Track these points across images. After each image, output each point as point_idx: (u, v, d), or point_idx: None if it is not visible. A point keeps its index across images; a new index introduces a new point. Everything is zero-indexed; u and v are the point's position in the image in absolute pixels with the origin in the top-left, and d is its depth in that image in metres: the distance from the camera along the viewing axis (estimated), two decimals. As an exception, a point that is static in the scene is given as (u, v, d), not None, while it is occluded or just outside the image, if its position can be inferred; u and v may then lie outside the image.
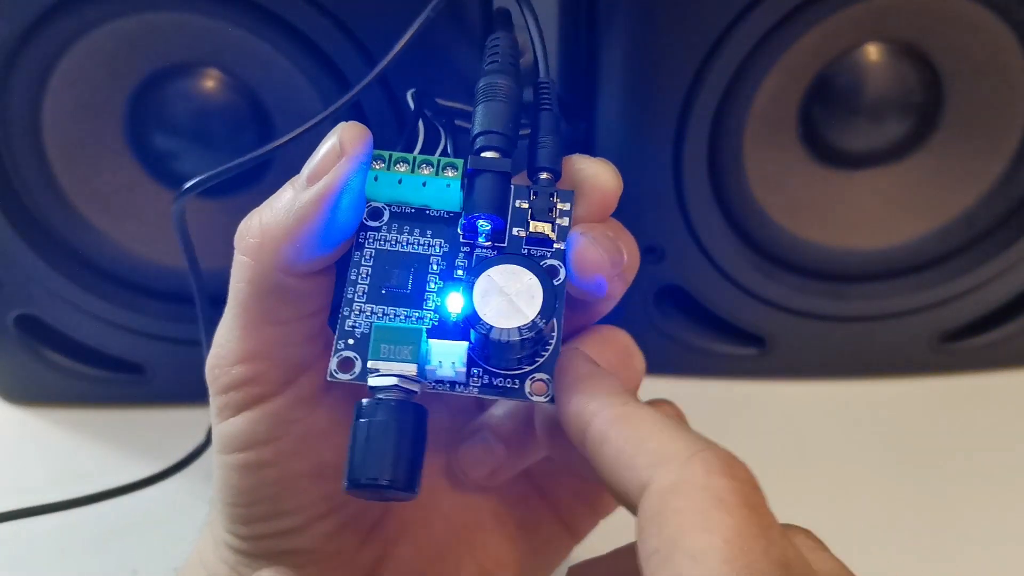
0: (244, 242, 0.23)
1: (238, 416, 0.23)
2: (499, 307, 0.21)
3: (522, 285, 0.21)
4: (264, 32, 0.34)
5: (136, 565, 0.36)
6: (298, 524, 0.24)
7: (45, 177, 0.37)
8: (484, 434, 0.26)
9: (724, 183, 0.39)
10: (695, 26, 0.34)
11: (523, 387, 0.22)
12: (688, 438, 0.19)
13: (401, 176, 0.23)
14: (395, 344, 0.21)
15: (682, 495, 0.17)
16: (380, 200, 0.24)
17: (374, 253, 0.23)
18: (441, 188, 0.23)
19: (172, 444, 0.42)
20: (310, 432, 0.24)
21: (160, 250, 0.39)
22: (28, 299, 0.39)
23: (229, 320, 0.23)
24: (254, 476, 0.23)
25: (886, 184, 0.40)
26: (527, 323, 0.21)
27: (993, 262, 0.41)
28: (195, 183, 0.27)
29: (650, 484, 0.18)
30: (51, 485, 0.40)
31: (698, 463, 0.18)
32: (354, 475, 0.20)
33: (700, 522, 0.17)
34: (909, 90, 0.37)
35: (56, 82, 0.35)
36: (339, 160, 0.22)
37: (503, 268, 0.22)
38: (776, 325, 0.43)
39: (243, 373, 0.23)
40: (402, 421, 0.21)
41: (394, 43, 0.33)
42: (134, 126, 0.36)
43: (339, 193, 0.22)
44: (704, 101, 0.36)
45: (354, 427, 0.21)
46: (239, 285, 0.23)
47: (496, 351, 0.21)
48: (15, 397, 0.44)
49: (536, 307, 0.21)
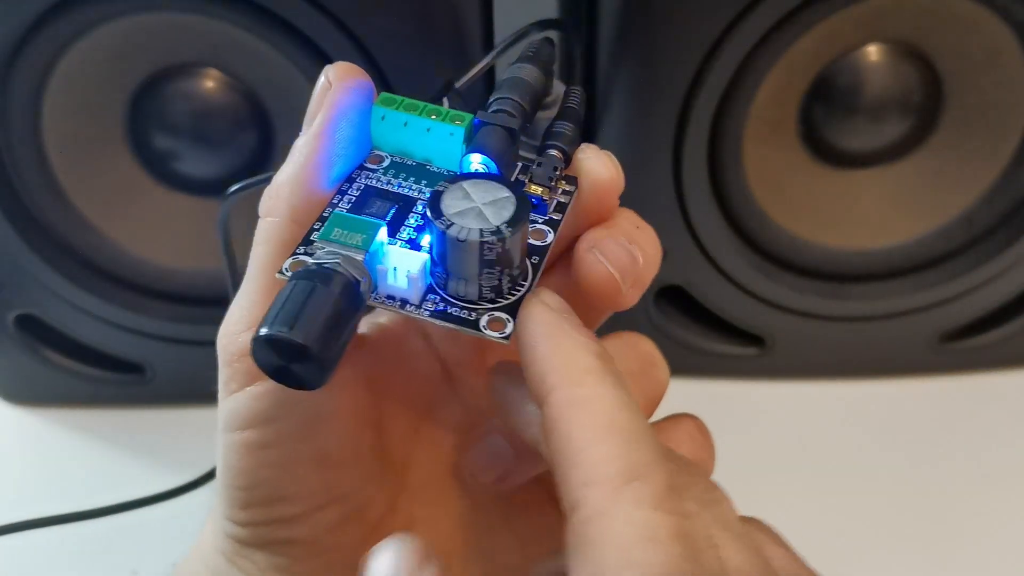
0: (264, 204, 0.22)
1: (242, 392, 0.22)
2: (464, 211, 0.20)
3: (495, 199, 0.20)
4: (264, 32, 0.34)
5: (136, 565, 0.36)
6: (298, 512, 0.23)
7: (45, 177, 0.37)
8: (496, 437, 0.25)
9: (724, 183, 0.39)
10: (695, 26, 0.34)
11: (479, 320, 0.20)
12: (629, 457, 0.17)
13: (408, 118, 0.22)
14: (348, 231, 0.20)
15: (606, 527, 0.16)
16: (385, 150, 0.23)
17: (363, 187, 0.22)
18: (444, 136, 0.22)
19: (172, 444, 0.42)
20: (314, 416, 0.23)
21: (160, 250, 0.39)
22: (28, 299, 0.39)
23: (244, 287, 0.23)
24: (254, 456, 0.23)
25: (886, 184, 0.40)
26: (491, 227, 0.19)
27: (993, 262, 0.41)
28: (240, 186, 0.27)
29: (577, 509, 0.17)
30: (51, 485, 0.40)
31: (629, 494, 0.17)
32: (260, 327, 0.18)
33: (624, 560, 0.16)
34: (909, 90, 0.37)
35: (56, 82, 0.35)
36: (331, 91, 0.22)
37: (479, 182, 0.20)
38: (776, 325, 0.43)
39: (249, 340, 0.22)
40: (330, 289, 0.19)
41: (394, 43, 0.33)
42: (134, 126, 0.36)
43: (334, 124, 0.21)
44: (704, 101, 0.36)
45: (282, 290, 0.19)
46: (257, 248, 0.22)
47: (454, 260, 0.20)
48: (15, 397, 0.44)
49: (507, 216, 0.20)
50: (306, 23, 0.33)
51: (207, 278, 0.40)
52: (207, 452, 0.40)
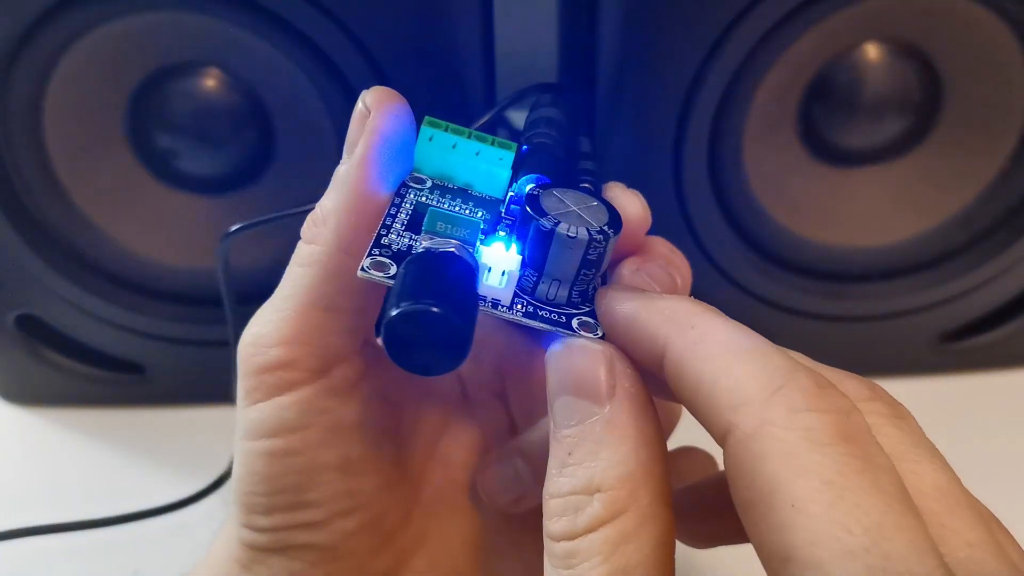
0: (308, 231, 0.23)
1: (267, 402, 0.23)
2: (565, 213, 0.20)
3: (588, 205, 0.20)
4: (264, 32, 0.34)
5: (137, 565, 0.36)
6: (320, 518, 0.24)
7: (45, 177, 0.37)
8: (516, 460, 0.26)
9: (724, 183, 0.39)
10: (695, 26, 0.34)
11: (570, 322, 0.20)
12: (766, 370, 0.17)
13: (456, 140, 0.22)
14: (451, 224, 0.20)
15: (767, 441, 0.16)
16: (425, 173, 0.23)
17: (414, 202, 0.22)
18: (494, 160, 0.22)
19: (172, 444, 0.42)
20: (339, 424, 0.23)
21: (161, 249, 0.39)
22: (28, 299, 0.39)
23: (278, 302, 0.23)
24: (279, 464, 0.23)
25: (886, 182, 0.40)
26: (596, 228, 0.19)
27: (993, 262, 0.41)
28: (240, 227, 0.27)
29: (731, 432, 0.16)
30: (51, 486, 0.40)
31: (780, 402, 0.16)
32: (395, 306, 0.17)
33: (793, 468, 0.15)
34: (908, 89, 0.37)
35: (56, 82, 0.35)
36: (371, 117, 0.22)
37: (567, 191, 0.20)
38: (775, 325, 0.43)
39: (280, 355, 0.22)
40: (459, 263, 0.18)
41: (394, 42, 0.33)
42: (135, 126, 0.36)
43: (377, 151, 0.21)
44: (704, 101, 0.36)
45: (399, 273, 0.19)
46: (299, 269, 0.23)
47: (556, 258, 0.19)
48: (15, 397, 0.44)
49: (604, 220, 0.20)
50: (306, 23, 0.33)
51: (207, 277, 0.40)
52: (207, 452, 0.40)
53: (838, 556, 0.14)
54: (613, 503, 0.17)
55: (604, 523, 0.17)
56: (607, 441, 0.18)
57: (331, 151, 0.36)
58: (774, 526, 0.15)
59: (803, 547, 0.15)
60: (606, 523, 0.17)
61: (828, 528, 0.14)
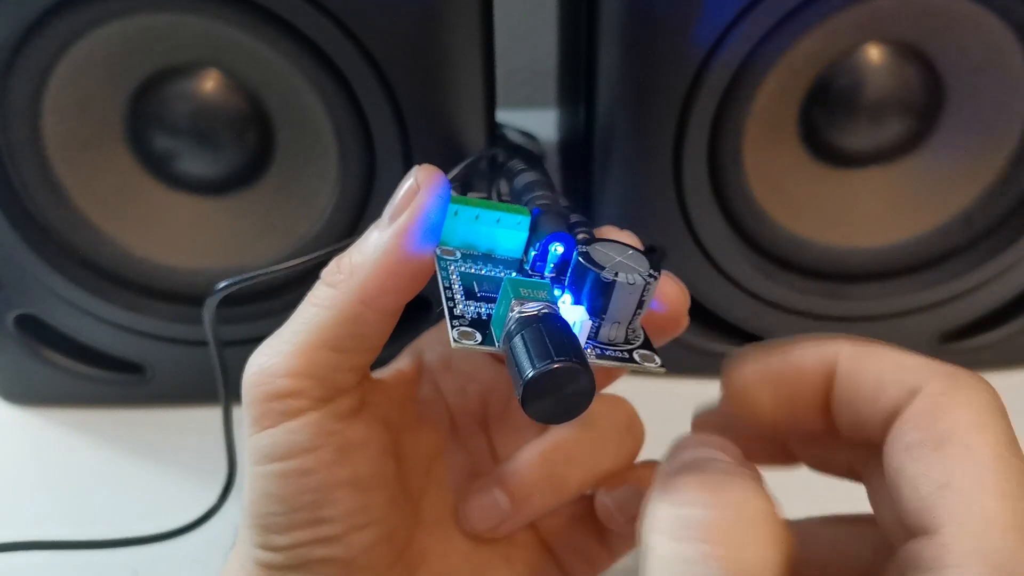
0: (332, 276, 0.25)
1: (277, 427, 0.24)
2: (615, 264, 0.23)
3: (626, 254, 0.23)
4: (264, 32, 0.34)
5: (136, 566, 0.36)
6: (337, 532, 0.25)
7: (45, 177, 0.37)
8: (493, 490, 0.27)
9: (724, 183, 0.39)
10: (695, 26, 0.34)
11: (632, 355, 0.23)
12: (936, 362, 0.21)
13: (478, 211, 0.25)
14: (532, 289, 0.22)
15: (956, 400, 0.19)
16: (451, 244, 0.25)
17: (458, 273, 0.24)
18: (513, 225, 0.25)
19: (172, 444, 0.42)
20: (347, 443, 0.25)
21: (160, 250, 0.39)
22: (28, 299, 0.39)
23: (288, 335, 0.25)
24: (294, 483, 0.24)
25: (886, 184, 0.40)
26: (647, 272, 0.22)
27: (993, 262, 0.41)
28: (227, 284, 0.29)
29: (923, 387, 0.20)
30: (51, 486, 0.40)
31: (963, 378, 0.20)
32: (532, 371, 0.20)
33: (974, 422, 0.19)
34: (909, 90, 0.37)
35: (56, 82, 0.35)
36: (418, 194, 0.24)
37: (603, 243, 0.23)
38: (775, 325, 0.43)
39: (287, 385, 0.24)
40: (561, 321, 0.21)
41: (394, 43, 0.34)
42: (134, 126, 0.36)
43: (420, 224, 0.24)
44: (704, 101, 0.36)
45: (511, 346, 0.21)
46: (315, 309, 0.24)
47: (618, 304, 0.22)
48: (15, 397, 0.44)
49: (646, 264, 0.23)
50: (306, 23, 0.33)
51: (207, 278, 0.40)
52: (207, 452, 0.40)
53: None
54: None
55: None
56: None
57: (331, 152, 0.36)
58: (942, 457, 0.19)
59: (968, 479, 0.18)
60: None
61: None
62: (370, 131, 0.35)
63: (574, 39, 0.42)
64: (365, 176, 0.37)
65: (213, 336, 0.32)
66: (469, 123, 0.36)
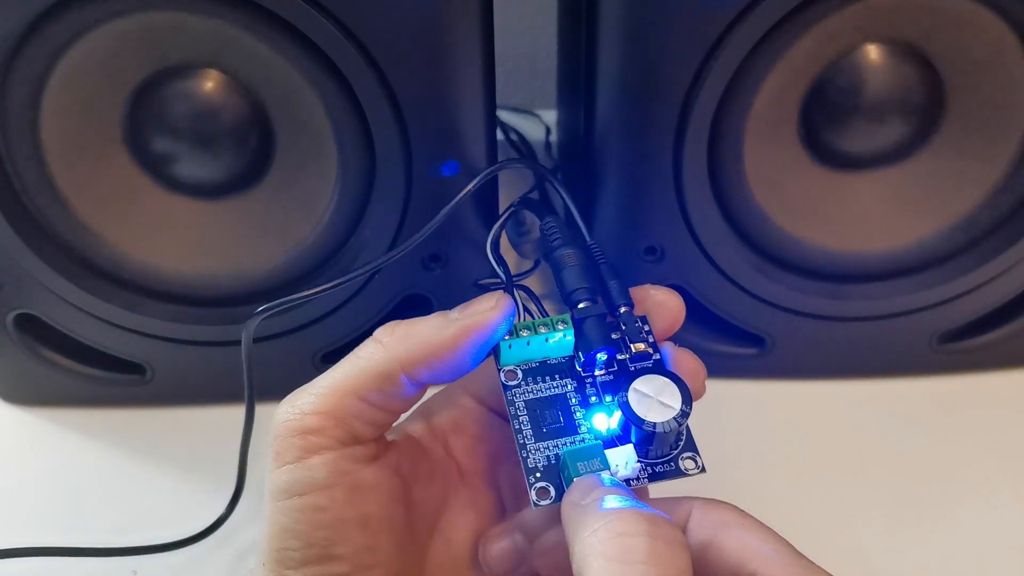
0: (387, 335, 0.28)
1: (296, 463, 0.26)
2: (653, 408, 0.27)
3: (660, 386, 0.27)
4: (264, 32, 0.34)
5: (136, 565, 0.36)
6: (346, 570, 0.26)
7: (44, 178, 0.37)
8: (513, 534, 0.29)
9: (724, 183, 0.39)
10: (695, 26, 0.34)
11: (678, 466, 0.28)
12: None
13: (529, 339, 0.29)
14: (587, 460, 0.26)
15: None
16: (510, 363, 0.29)
17: (523, 404, 0.28)
18: (562, 340, 0.29)
19: (172, 444, 0.42)
20: (360, 484, 0.27)
21: (159, 251, 0.39)
22: (28, 299, 0.39)
23: (326, 380, 0.27)
24: (310, 519, 0.26)
25: (887, 185, 0.40)
26: (679, 411, 0.27)
27: (993, 262, 0.41)
28: (265, 308, 0.30)
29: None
30: (51, 486, 0.40)
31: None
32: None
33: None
34: (910, 91, 0.37)
35: (56, 82, 0.35)
36: (490, 310, 0.28)
37: (640, 379, 0.27)
38: (776, 325, 0.43)
39: (313, 422, 0.26)
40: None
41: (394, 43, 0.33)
42: (133, 127, 0.36)
43: (481, 332, 0.27)
44: (704, 101, 0.36)
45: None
46: (357, 360, 0.27)
47: (659, 442, 0.27)
48: (15, 397, 0.44)
49: (679, 398, 0.27)
50: (306, 23, 0.33)
51: (207, 279, 0.40)
52: (207, 452, 0.40)
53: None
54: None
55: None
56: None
57: (331, 153, 0.36)
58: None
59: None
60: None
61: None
62: (370, 131, 0.35)
63: (574, 39, 0.42)
64: (365, 177, 0.37)
65: (247, 357, 0.32)
66: (469, 123, 0.36)
